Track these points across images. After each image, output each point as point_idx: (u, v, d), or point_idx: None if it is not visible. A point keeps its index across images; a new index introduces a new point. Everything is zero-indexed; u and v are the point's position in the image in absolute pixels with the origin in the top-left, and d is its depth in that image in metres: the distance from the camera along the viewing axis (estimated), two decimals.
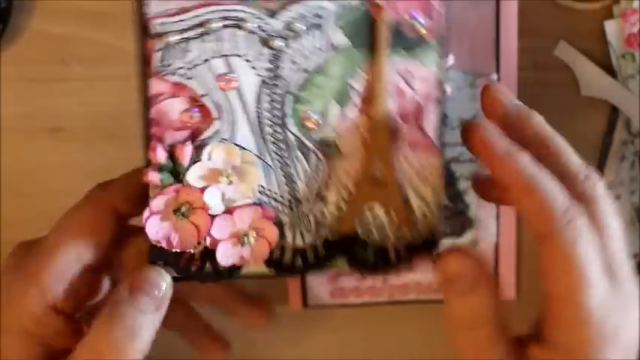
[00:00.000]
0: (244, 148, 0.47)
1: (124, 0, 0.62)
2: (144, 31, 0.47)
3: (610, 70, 0.64)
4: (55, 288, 0.49)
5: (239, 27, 0.47)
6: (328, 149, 0.48)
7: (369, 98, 0.48)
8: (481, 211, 0.63)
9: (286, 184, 0.48)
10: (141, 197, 0.48)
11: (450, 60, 0.61)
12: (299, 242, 0.48)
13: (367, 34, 0.48)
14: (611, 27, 0.64)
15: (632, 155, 0.66)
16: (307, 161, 0.48)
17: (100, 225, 0.50)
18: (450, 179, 0.63)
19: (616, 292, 0.45)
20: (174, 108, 0.47)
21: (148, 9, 0.47)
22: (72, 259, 0.49)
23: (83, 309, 0.51)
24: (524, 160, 0.46)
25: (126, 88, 0.51)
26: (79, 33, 0.61)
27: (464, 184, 0.64)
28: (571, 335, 0.45)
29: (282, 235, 0.48)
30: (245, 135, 0.48)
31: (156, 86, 0.47)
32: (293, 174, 0.48)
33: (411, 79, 0.49)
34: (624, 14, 0.63)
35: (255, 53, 0.47)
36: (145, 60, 0.47)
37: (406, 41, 0.48)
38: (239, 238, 0.47)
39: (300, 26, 0.47)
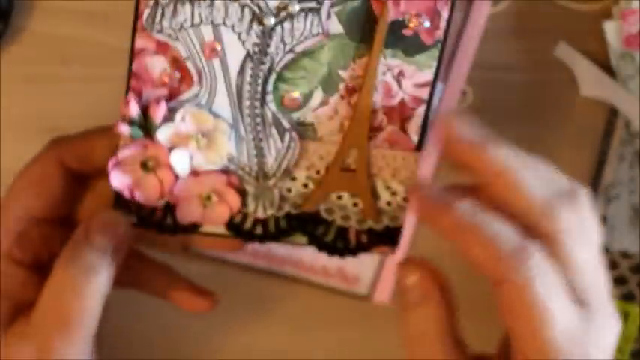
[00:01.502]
0: (219, 116, 0.53)
1: (124, 0, 0.63)
2: None
3: (609, 71, 0.67)
4: (6, 240, 0.55)
5: None
6: (305, 131, 0.54)
7: (355, 89, 0.53)
8: None
9: (255, 157, 0.54)
10: (94, 156, 0.55)
11: None
12: (260, 214, 0.55)
13: (364, 27, 0.52)
14: (610, 27, 0.67)
15: (631, 155, 0.69)
16: (281, 139, 0.54)
17: (47, 178, 0.55)
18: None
19: (585, 319, 0.49)
20: (155, 65, 0.52)
21: None
22: (20, 211, 0.55)
23: (45, 261, 0.56)
24: (463, 211, 0.49)
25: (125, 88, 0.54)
26: (79, 33, 0.63)
27: None
28: None
29: (244, 204, 0.55)
30: (222, 104, 0.53)
31: (141, 41, 0.52)
32: (264, 148, 0.54)
33: (403, 81, 0.53)
34: (623, 15, 0.66)
35: (246, 27, 0.52)
36: (136, 15, 0.52)
37: (405, 43, 0.53)
38: (201, 199, 0.54)
39: (295, 8, 0.52)
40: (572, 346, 0.49)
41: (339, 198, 0.56)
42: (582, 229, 0.50)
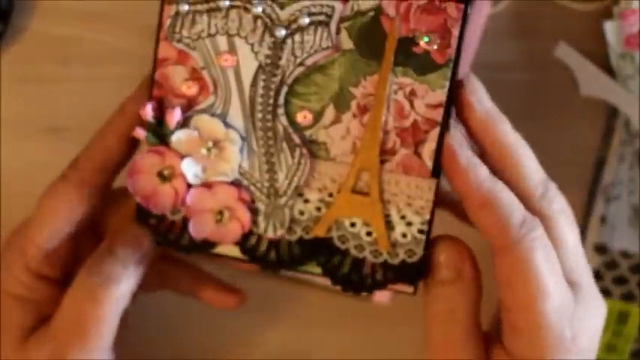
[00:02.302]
0: (232, 127, 0.56)
1: (124, 0, 0.68)
2: None
3: (609, 71, 0.68)
4: (37, 259, 0.60)
5: (246, 9, 0.54)
6: (316, 149, 0.55)
7: (367, 108, 0.54)
8: None
9: (267, 172, 0.56)
10: (111, 162, 0.59)
11: None
12: (270, 233, 0.57)
13: (374, 43, 0.54)
14: (610, 27, 0.67)
15: (631, 155, 0.70)
16: (291, 155, 0.55)
17: (72, 201, 0.59)
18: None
19: (575, 300, 0.53)
20: (177, 74, 0.56)
21: None
22: (50, 234, 0.60)
23: (73, 272, 0.60)
24: (482, 174, 0.53)
25: (126, 88, 0.59)
26: (79, 33, 0.66)
27: None
28: (530, 343, 0.53)
29: (255, 222, 0.57)
30: (236, 115, 0.55)
31: (164, 50, 0.56)
32: (275, 163, 0.56)
33: (416, 101, 0.54)
34: (624, 15, 0.66)
35: (258, 38, 0.54)
36: (160, 24, 0.56)
37: (415, 60, 0.53)
38: (214, 214, 0.56)
39: (305, 20, 0.54)
40: (563, 323, 0.52)
41: (352, 225, 0.56)
42: (570, 213, 0.55)
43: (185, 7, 0.55)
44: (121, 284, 0.58)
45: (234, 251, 0.58)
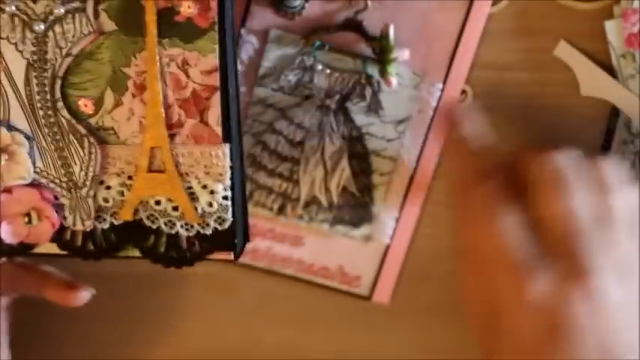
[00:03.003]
0: (17, 129, 0.55)
1: None
2: None
3: (610, 70, 0.67)
4: None
5: (0, 9, 0.53)
6: (105, 135, 0.54)
7: (144, 85, 0.53)
8: (384, 209, 0.69)
9: (62, 167, 0.55)
10: None
11: (405, 55, 0.64)
12: (79, 226, 0.56)
13: (135, 20, 0.52)
14: (611, 27, 0.66)
15: (632, 155, 0.69)
16: (81, 146, 0.54)
17: None
18: (366, 170, 0.68)
19: None
20: None
21: None
22: None
23: None
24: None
25: None
26: None
27: (378, 179, 0.68)
28: None
29: (64, 217, 0.56)
30: (18, 116, 0.54)
31: None
32: (67, 157, 0.55)
33: (190, 70, 0.53)
34: (625, 14, 0.66)
35: (20, 36, 0.53)
36: None
37: (180, 29, 0.53)
38: (22, 217, 0.56)
39: (60, 10, 0.52)
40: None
41: (157, 203, 0.56)
42: None
43: None
44: None
45: (53, 248, 0.58)
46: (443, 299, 0.74)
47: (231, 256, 0.57)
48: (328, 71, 0.65)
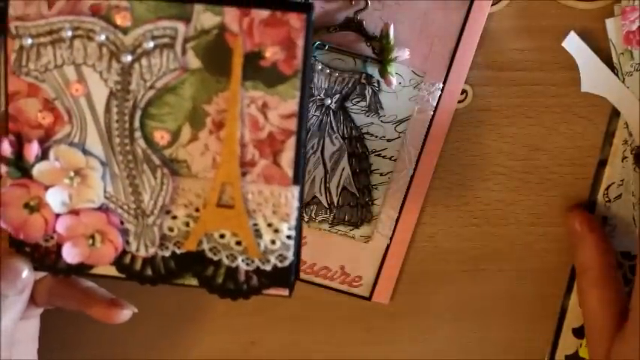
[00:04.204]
0: (92, 154, 0.56)
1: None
2: (6, 30, 0.55)
3: (611, 69, 0.69)
4: None
5: (89, 38, 0.54)
6: (178, 167, 0.56)
7: (222, 123, 0.55)
8: (384, 209, 0.70)
9: (132, 194, 0.57)
10: None
11: (405, 54, 0.65)
12: (142, 252, 0.58)
13: (221, 60, 0.54)
14: (612, 25, 0.68)
15: (632, 155, 0.70)
16: (153, 175, 0.56)
17: None
18: (366, 170, 0.70)
19: None
20: (30, 107, 0.56)
21: (10, 9, 0.55)
22: None
23: None
24: None
25: None
26: None
27: (378, 179, 0.70)
28: None
29: (127, 242, 0.58)
30: (94, 142, 0.56)
31: (13, 84, 0.56)
32: (139, 185, 0.57)
33: (269, 113, 0.55)
34: (624, 11, 0.67)
35: (106, 65, 0.55)
36: (6, 59, 0.56)
37: (264, 74, 0.54)
38: (85, 239, 0.57)
39: (149, 44, 0.54)
40: None
41: (222, 237, 0.58)
42: None
43: (28, 41, 0.56)
44: (4, 317, 0.59)
45: (112, 270, 0.60)
46: (443, 299, 0.76)
47: (286, 292, 0.59)
48: (328, 71, 0.67)
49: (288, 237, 0.57)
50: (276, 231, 0.57)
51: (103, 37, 0.55)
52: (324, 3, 0.66)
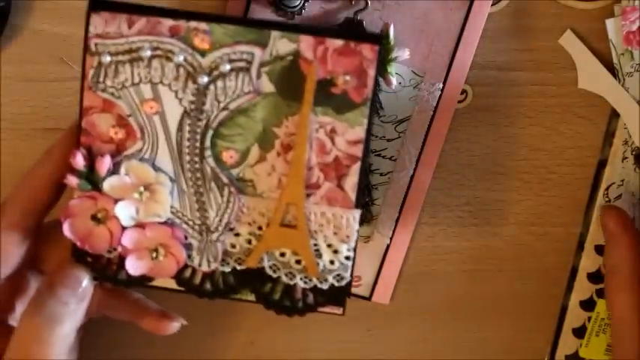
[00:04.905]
0: (161, 170, 0.58)
1: None
2: (85, 47, 0.58)
3: (612, 70, 0.69)
4: None
5: (168, 58, 0.56)
6: (244, 186, 0.58)
7: (290, 146, 0.58)
8: (384, 209, 0.72)
9: (198, 211, 0.59)
10: (39, 206, 0.61)
11: (406, 54, 0.67)
12: (205, 267, 0.60)
13: (294, 85, 0.57)
14: (612, 25, 0.68)
15: (632, 155, 0.71)
16: (220, 194, 0.58)
17: (3, 246, 0.61)
18: (365, 171, 0.70)
19: None
20: (103, 122, 0.58)
21: (90, 27, 0.57)
22: None
23: (13, 308, 0.64)
24: None
25: None
26: (78, 33, 0.60)
27: (378, 179, 0.71)
28: None
29: (189, 257, 0.60)
30: (164, 158, 0.58)
31: (88, 99, 0.58)
32: (205, 202, 0.59)
33: (336, 138, 0.57)
34: (624, 11, 0.68)
35: (182, 85, 0.57)
36: (83, 74, 0.58)
37: (334, 101, 0.57)
38: (149, 252, 0.59)
39: (225, 67, 0.56)
40: None
41: (282, 255, 0.60)
42: None
43: (107, 58, 0.58)
44: (64, 324, 0.61)
45: (171, 283, 0.62)
46: (443, 299, 0.77)
47: (340, 311, 0.61)
48: None
49: (347, 258, 0.60)
50: (336, 252, 0.59)
51: (181, 58, 0.57)
52: (324, 3, 0.67)
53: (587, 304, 0.75)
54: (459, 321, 0.78)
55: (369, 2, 0.66)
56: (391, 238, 0.73)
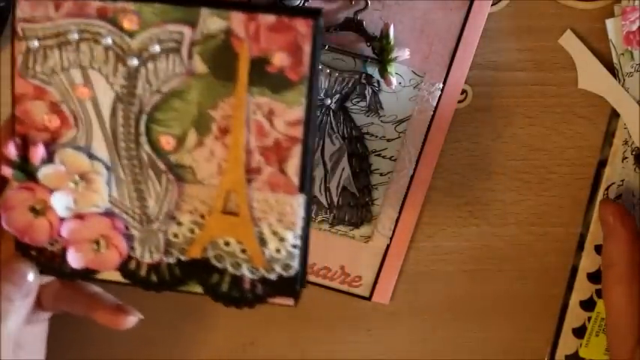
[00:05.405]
0: (97, 158, 0.56)
1: None
2: (13, 32, 0.55)
3: (612, 70, 0.68)
4: None
5: (96, 41, 0.54)
6: (183, 173, 0.56)
7: (228, 129, 0.55)
8: (384, 209, 0.70)
9: (137, 200, 0.56)
10: None
11: (406, 54, 0.65)
12: (147, 258, 0.58)
13: (228, 65, 0.54)
14: (612, 25, 0.68)
15: (632, 155, 0.70)
16: (159, 181, 0.56)
17: None
18: (366, 170, 0.69)
19: None
20: (36, 109, 0.56)
21: (17, 11, 0.55)
22: None
23: None
24: None
25: None
26: None
27: (378, 179, 0.70)
28: None
29: (132, 248, 0.58)
30: (100, 146, 0.56)
31: (20, 86, 0.55)
32: (144, 190, 0.56)
33: (275, 120, 0.54)
34: (624, 11, 0.67)
35: (112, 69, 0.54)
36: (13, 61, 0.55)
37: (270, 80, 0.54)
38: (90, 244, 0.57)
39: (155, 48, 0.54)
40: None
41: (227, 244, 0.57)
42: None
43: (35, 43, 0.55)
44: (9, 320, 0.59)
45: (116, 276, 0.59)
46: (443, 299, 0.76)
47: (291, 302, 0.58)
48: (328, 71, 0.67)
49: (294, 246, 0.57)
50: (282, 239, 0.56)
51: (109, 41, 0.54)
52: (324, 3, 0.66)
53: (587, 304, 0.74)
54: (459, 321, 0.77)
55: (369, 2, 0.66)
56: (391, 238, 0.72)
